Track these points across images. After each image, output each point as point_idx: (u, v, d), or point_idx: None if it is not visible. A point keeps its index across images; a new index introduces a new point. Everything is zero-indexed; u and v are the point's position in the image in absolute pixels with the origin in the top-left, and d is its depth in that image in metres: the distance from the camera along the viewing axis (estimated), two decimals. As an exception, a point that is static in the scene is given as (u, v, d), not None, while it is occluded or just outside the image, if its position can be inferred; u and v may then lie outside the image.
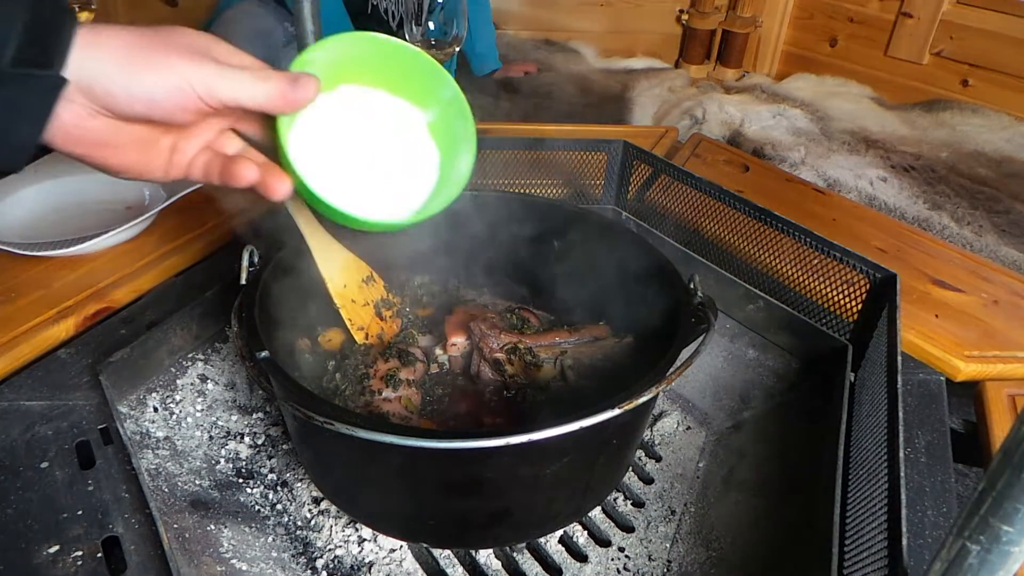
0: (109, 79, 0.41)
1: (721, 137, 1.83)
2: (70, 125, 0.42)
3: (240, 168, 0.47)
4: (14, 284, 0.78)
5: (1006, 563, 0.31)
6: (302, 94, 0.45)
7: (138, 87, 0.41)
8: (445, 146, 0.58)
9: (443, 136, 0.58)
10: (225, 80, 0.43)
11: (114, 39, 0.41)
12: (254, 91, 0.44)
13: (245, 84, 0.43)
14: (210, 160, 0.49)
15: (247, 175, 0.47)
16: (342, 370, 0.69)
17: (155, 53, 0.42)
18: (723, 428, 0.79)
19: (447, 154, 0.58)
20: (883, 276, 0.73)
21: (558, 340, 0.73)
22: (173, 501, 0.63)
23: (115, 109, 0.42)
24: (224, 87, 0.43)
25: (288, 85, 0.45)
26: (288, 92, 0.45)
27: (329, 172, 0.53)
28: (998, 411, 0.72)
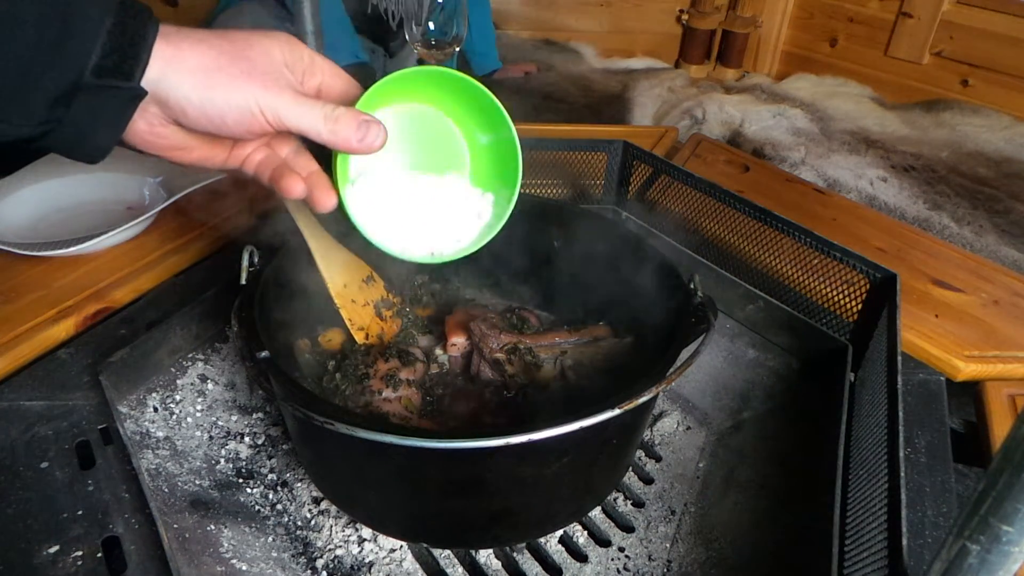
0: (184, 97, 0.42)
1: (721, 137, 1.83)
2: (143, 131, 0.43)
3: (289, 182, 0.48)
4: (14, 284, 0.78)
5: (1006, 563, 0.31)
6: (368, 144, 0.45)
7: (211, 108, 0.42)
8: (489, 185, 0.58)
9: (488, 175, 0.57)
10: (295, 113, 0.43)
11: (193, 57, 0.42)
12: (321, 129, 0.44)
13: (315, 122, 0.44)
14: (265, 160, 0.50)
15: (294, 189, 0.48)
16: (342, 370, 0.69)
17: (232, 77, 0.42)
18: (723, 428, 0.79)
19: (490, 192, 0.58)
20: (883, 276, 0.73)
21: (558, 340, 0.73)
22: (173, 501, 0.63)
23: (185, 123, 0.43)
24: (293, 119, 0.44)
25: (357, 133, 0.45)
26: (354, 141, 0.45)
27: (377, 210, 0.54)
28: (998, 411, 0.72)
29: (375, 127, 0.45)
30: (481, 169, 0.58)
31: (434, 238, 0.57)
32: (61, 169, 0.93)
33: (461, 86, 0.51)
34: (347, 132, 0.44)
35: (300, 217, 0.67)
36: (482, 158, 0.57)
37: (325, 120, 0.44)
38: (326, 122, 0.44)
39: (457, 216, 0.57)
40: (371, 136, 0.45)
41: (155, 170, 0.95)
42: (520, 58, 2.34)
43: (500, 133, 0.54)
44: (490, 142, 0.56)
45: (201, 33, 0.43)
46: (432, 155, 0.56)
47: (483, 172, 0.58)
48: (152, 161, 0.96)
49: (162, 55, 0.41)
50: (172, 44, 0.41)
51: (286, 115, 0.43)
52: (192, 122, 0.43)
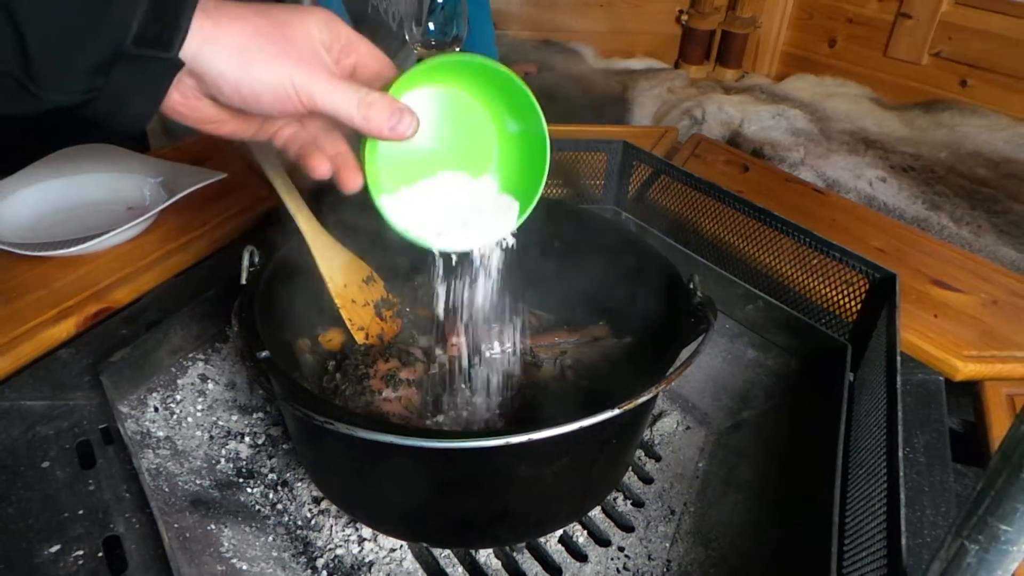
0: (220, 73, 0.42)
1: (721, 137, 1.83)
2: (178, 102, 0.43)
3: (315, 161, 0.48)
4: (15, 284, 0.78)
5: (1004, 562, 0.31)
6: (400, 133, 0.45)
7: (246, 86, 0.42)
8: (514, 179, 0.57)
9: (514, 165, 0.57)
10: (329, 95, 0.43)
11: (231, 33, 0.41)
12: (354, 114, 0.44)
13: (349, 107, 0.44)
14: (294, 135, 0.50)
15: (320, 169, 0.48)
16: (342, 370, 0.69)
17: (268, 56, 0.42)
18: (723, 428, 0.80)
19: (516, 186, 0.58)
20: (882, 276, 0.73)
21: (558, 340, 0.73)
22: (174, 501, 0.63)
23: (219, 98, 0.43)
24: (327, 102, 0.43)
25: (389, 121, 0.45)
26: (385, 129, 0.45)
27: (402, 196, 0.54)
28: (997, 411, 0.72)
29: (408, 116, 0.45)
30: (508, 158, 0.57)
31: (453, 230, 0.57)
32: (61, 169, 0.93)
33: (494, 74, 0.51)
34: (380, 119, 0.44)
35: (300, 217, 0.67)
36: (510, 147, 0.56)
37: (359, 105, 0.44)
38: (359, 107, 0.44)
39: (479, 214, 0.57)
40: (403, 125, 0.45)
41: (155, 170, 0.95)
42: (520, 58, 2.34)
43: (530, 124, 0.54)
44: (519, 131, 0.55)
45: (239, 8, 0.42)
46: (461, 139, 0.56)
47: (510, 161, 0.57)
48: (152, 161, 0.96)
49: (200, 29, 0.40)
50: (211, 18, 0.41)
51: (320, 97, 0.43)
52: (226, 98, 0.43)
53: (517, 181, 0.57)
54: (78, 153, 0.95)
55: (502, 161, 0.57)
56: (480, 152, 0.57)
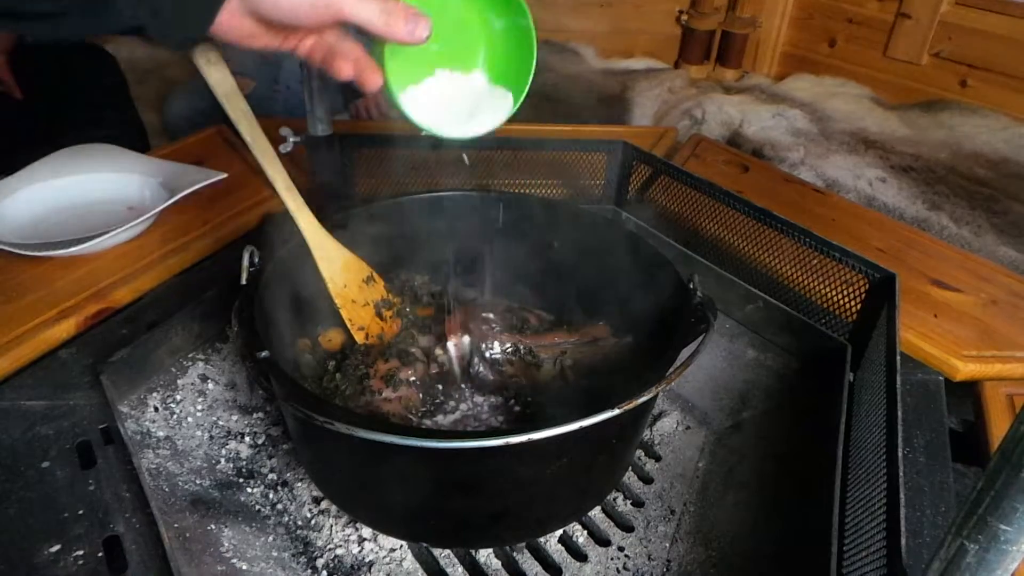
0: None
1: (720, 137, 1.83)
2: (225, 20, 0.48)
3: (340, 63, 0.53)
4: (15, 284, 0.78)
5: (1004, 562, 0.31)
6: (417, 37, 0.51)
7: (286, 4, 0.48)
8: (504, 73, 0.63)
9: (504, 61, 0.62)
10: (355, 7, 0.49)
11: None
12: (376, 22, 0.50)
13: (372, 15, 0.49)
14: (315, 45, 0.54)
15: (345, 70, 0.53)
16: (342, 370, 0.69)
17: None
18: (723, 428, 0.80)
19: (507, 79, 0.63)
20: (882, 276, 0.73)
21: (558, 340, 0.73)
22: (174, 501, 0.63)
23: (261, 13, 0.49)
24: (355, 12, 0.49)
25: (407, 25, 0.50)
26: (403, 32, 0.50)
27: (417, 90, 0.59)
28: (996, 411, 0.72)
29: (423, 21, 0.51)
30: (497, 52, 0.62)
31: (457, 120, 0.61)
32: (61, 169, 0.93)
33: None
34: (399, 26, 0.50)
35: (300, 217, 0.67)
36: (499, 42, 0.62)
37: (380, 14, 0.50)
38: (380, 15, 0.50)
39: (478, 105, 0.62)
40: (419, 29, 0.51)
41: (155, 170, 0.95)
42: (520, 58, 2.33)
43: (516, 19, 0.60)
44: (505, 27, 0.61)
45: None
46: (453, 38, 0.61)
47: (500, 55, 0.62)
48: (152, 161, 0.96)
49: None
50: None
51: (349, 9, 0.49)
52: (267, 12, 0.48)
53: (508, 74, 0.62)
54: (78, 153, 0.95)
55: (492, 56, 0.62)
56: (471, 48, 0.62)
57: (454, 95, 0.61)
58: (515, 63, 0.61)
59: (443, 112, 0.60)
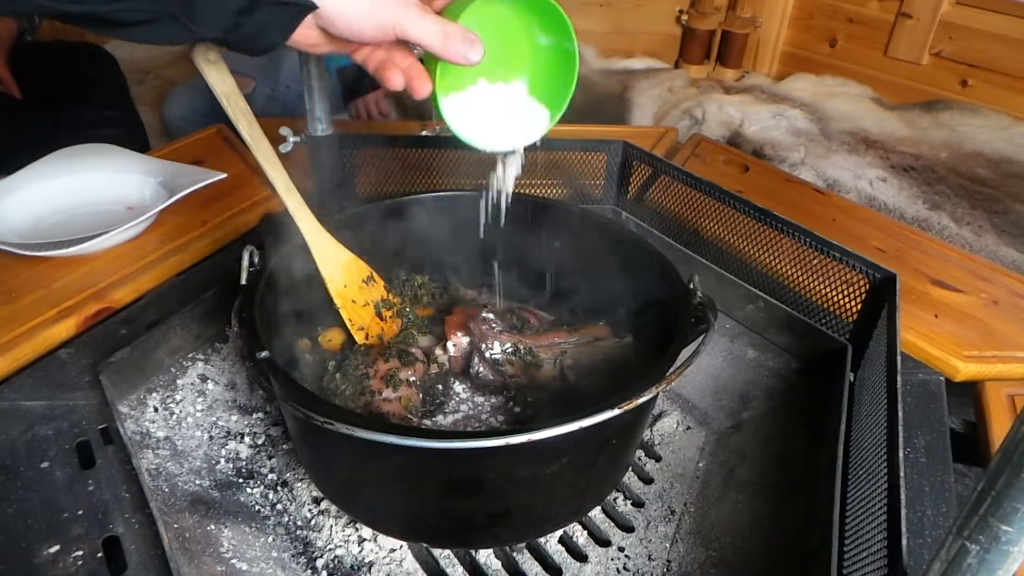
0: (334, 10, 0.50)
1: (721, 137, 1.83)
2: (297, 34, 0.51)
3: (391, 74, 0.55)
4: (14, 284, 0.78)
5: (1005, 563, 0.31)
6: (471, 59, 0.53)
7: (354, 22, 0.51)
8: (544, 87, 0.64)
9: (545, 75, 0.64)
10: (418, 28, 0.52)
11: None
12: (436, 44, 0.52)
13: (432, 38, 0.52)
14: (372, 52, 0.57)
15: (395, 81, 0.55)
16: (342, 370, 0.69)
17: None
18: (723, 428, 0.79)
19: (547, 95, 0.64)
20: (882, 276, 0.73)
21: (558, 340, 0.73)
22: (173, 501, 0.63)
23: (330, 30, 0.52)
24: (416, 34, 0.52)
25: (463, 48, 0.53)
26: (459, 54, 0.53)
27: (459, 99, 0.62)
28: (997, 411, 0.72)
29: (478, 46, 0.53)
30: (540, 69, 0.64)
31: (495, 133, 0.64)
32: (61, 169, 0.93)
33: None
34: (456, 48, 0.52)
35: (300, 217, 0.67)
36: (542, 60, 0.63)
37: (441, 36, 0.52)
38: (439, 37, 0.52)
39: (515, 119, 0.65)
40: (474, 53, 0.53)
41: (155, 170, 0.95)
42: (520, 58, 2.34)
43: (561, 40, 0.61)
44: (550, 46, 0.62)
45: None
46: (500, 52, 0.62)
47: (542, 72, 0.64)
48: (152, 161, 0.96)
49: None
50: None
51: (412, 30, 0.52)
52: (336, 30, 0.51)
53: (548, 91, 0.64)
54: (78, 153, 0.95)
55: (534, 72, 0.64)
56: (516, 62, 0.64)
57: (494, 107, 0.63)
58: (556, 82, 0.63)
59: (481, 123, 0.62)
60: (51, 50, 1.57)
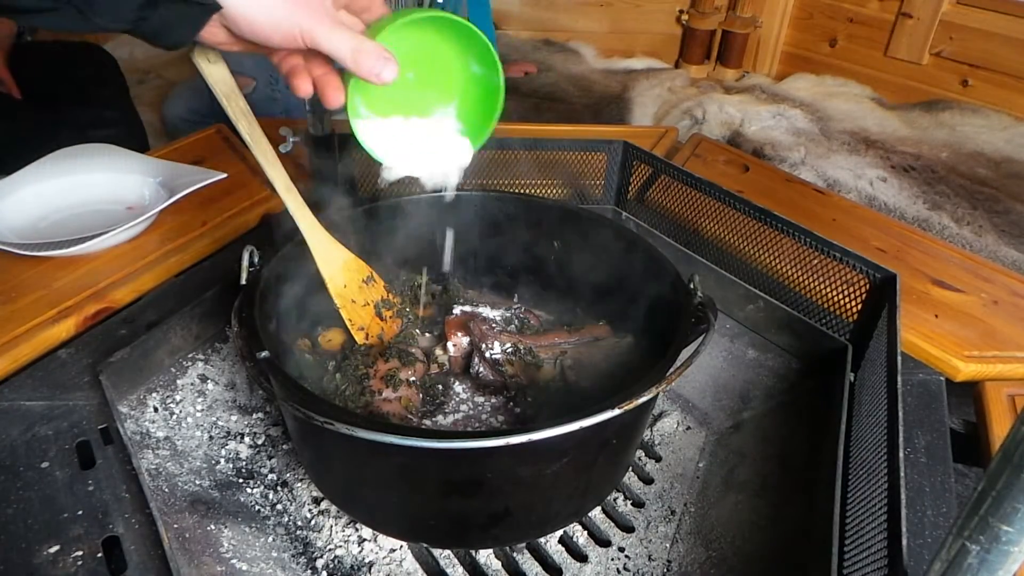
0: (241, 13, 0.49)
1: (721, 137, 1.83)
2: (205, 33, 0.50)
3: (300, 80, 0.55)
4: (14, 284, 0.78)
5: (1006, 563, 0.31)
6: (383, 78, 0.52)
7: (260, 26, 0.50)
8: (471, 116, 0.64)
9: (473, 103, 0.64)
10: (328, 40, 0.51)
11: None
12: (347, 59, 0.51)
13: (343, 51, 0.51)
14: (286, 55, 0.56)
15: (303, 89, 0.55)
16: (342, 370, 0.69)
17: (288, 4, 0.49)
18: (723, 428, 0.79)
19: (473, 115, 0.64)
20: (883, 276, 0.73)
21: (558, 340, 0.73)
22: (173, 501, 0.63)
23: (235, 31, 0.50)
24: (326, 45, 0.51)
25: (375, 67, 0.52)
26: (370, 71, 0.52)
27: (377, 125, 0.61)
28: (998, 411, 0.72)
29: (391, 65, 0.52)
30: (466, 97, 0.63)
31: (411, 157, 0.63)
32: (61, 169, 0.93)
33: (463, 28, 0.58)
34: (368, 65, 0.51)
35: (300, 217, 0.67)
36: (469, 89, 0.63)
37: (352, 52, 0.51)
38: (352, 54, 0.51)
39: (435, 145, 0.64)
40: (386, 72, 0.52)
41: (155, 170, 0.95)
42: (520, 58, 2.34)
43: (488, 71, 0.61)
44: (479, 75, 0.62)
45: None
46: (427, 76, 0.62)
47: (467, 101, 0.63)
48: (152, 161, 0.96)
49: None
50: None
51: (322, 41, 0.50)
52: (241, 32, 0.50)
53: (472, 119, 0.64)
54: (78, 153, 0.95)
55: (462, 102, 0.63)
56: (442, 89, 0.63)
57: (412, 132, 0.63)
58: (481, 112, 0.63)
59: (396, 145, 0.62)
60: (51, 50, 1.57)
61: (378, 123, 0.61)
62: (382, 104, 0.61)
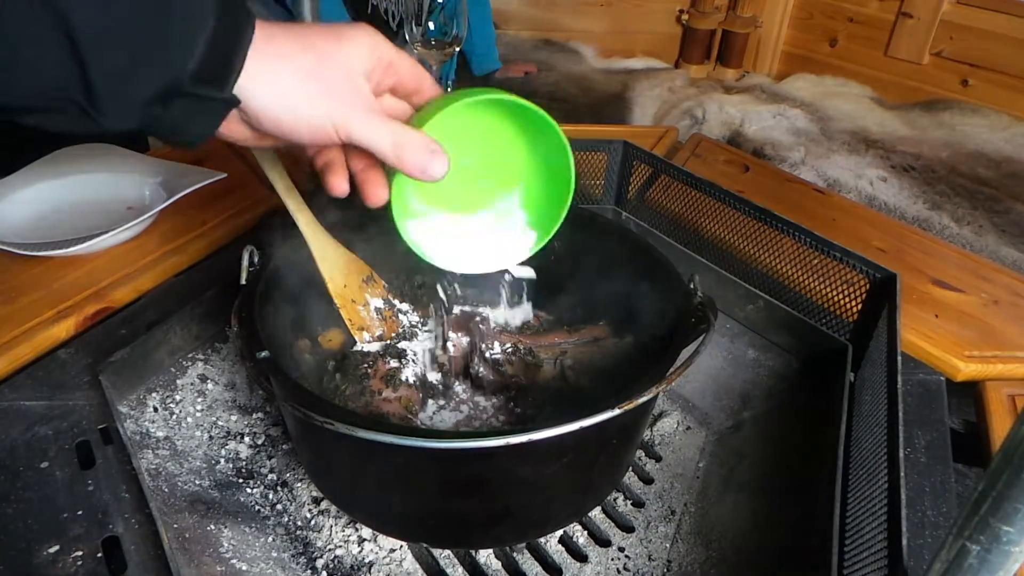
0: (262, 109, 0.43)
1: (721, 137, 1.83)
2: (223, 130, 0.44)
3: (335, 179, 0.49)
4: (14, 284, 0.78)
5: (1006, 563, 0.31)
6: (431, 174, 0.46)
7: (285, 122, 0.43)
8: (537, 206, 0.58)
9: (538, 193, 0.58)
10: (365, 132, 0.44)
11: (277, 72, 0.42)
12: (387, 153, 0.45)
13: (383, 145, 0.45)
14: (318, 151, 0.51)
15: (337, 189, 0.50)
16: (342, 370, 0.69)
17: (312, 95, 0.43)
18: (723, 428, 0.79)
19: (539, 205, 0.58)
20: (883, 276, 0.73)
21: (558, 340, 0.73)
22: (173, 501, 0.63)
23: (258, 128, 0.44)
24: (363, 138, 0.44)
25: (420, 162, 0.45)
26: (415, 167, 0.45)
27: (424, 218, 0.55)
28: (998, 411, 0.72)
29: (439, 158, 0.46)
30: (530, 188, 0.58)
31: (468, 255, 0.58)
32: (61, 169, 0.93)
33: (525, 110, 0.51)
34: (412, 159, 0.45)
35: (300, 217, 0.67)
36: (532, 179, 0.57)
37: (393, 146, 0.45)
38: (393, 148, 0.45)
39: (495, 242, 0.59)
40: (434, 167, 0.46)
41: (155, 170, 0.95)
42: (520, 58, 2.34)
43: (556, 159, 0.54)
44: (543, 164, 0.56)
45: (286, 44, 0.43)
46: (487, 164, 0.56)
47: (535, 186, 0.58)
48: (152, 161, 0.96)
49: (253, 66, 0.41)
50: (259, 58, 0.41)
51: (357, 134, 0.44)
52: (265, 129, 0.44)
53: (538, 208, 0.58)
54: (78, 153, 0.95)
55: (527, 187, 0.58)
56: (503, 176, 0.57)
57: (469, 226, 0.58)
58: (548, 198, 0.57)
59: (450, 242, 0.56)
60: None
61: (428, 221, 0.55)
62: (435, 195, 0.54)
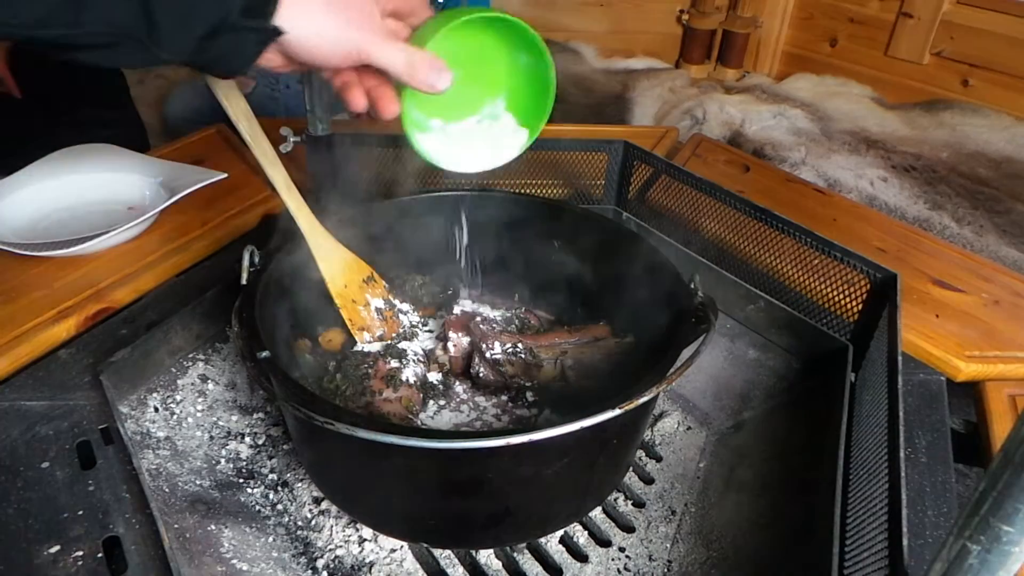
0: (299, 37, 0.48)
1: (721, 137, 1.83)
2: (261, 58, 0.49)
3: (354, 95, 0.55)
4: (15, 284, 0.78)
5: (1007, 563, 0.31)
6: (437, 88, 0.52)
7: (319, 49, 0.49)
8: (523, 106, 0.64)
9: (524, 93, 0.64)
10: (383, 55, 0.51)
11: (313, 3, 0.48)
12: (401, 72, 0.52)
13: (397, 65, 0.51)
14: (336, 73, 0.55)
15: (357, 103, 0.55)
16: (342, 370, 0.69)
17: (340, 24, 0.49)
18: (723, 428, 0.79)
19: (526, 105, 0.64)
20: (883, 276, 0.73)
21: (558, 340, 0.73)
22: (174, 501, 0.63)
23: (292, 56, 0.50)
24: (381, 60, 0.51)
25: (429, 76, 0.52)
26: (424, 82, 0.52)
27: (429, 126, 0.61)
28: (998, 411, 0.72)
29: (445, 74, 0.52)
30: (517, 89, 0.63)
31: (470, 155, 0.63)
32: (61, 169, 0.93)
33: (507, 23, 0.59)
34: (422, 76, 0.52)
35: (300, 217, 0.67)
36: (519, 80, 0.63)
37: (406, 66, 0.51)
38: (407, 68, 0.51)
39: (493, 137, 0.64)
40: (441, 81, 0.52)
41: (155, 170, 0.95)
42: (520, 58, 2.34)
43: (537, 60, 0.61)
44: (527, 65, 0.62)
45: None
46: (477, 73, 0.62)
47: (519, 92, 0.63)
48: (152, 161, 0.96)
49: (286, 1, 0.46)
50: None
51: (376, 56, 0.51)
52: (297, 56, 0.49)
53: (525, 110, 0.64)
54: (78, 153, 0.95)
55: (512, 91, 0.63)
56: (491, 84, 0.63)
57: (468, 129, 0.63)
58: (533, 102, 0.63)
59: (454, 147, 0.62)
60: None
61: (435, 130, 0.61)
62: (433, 107, 0.61)
